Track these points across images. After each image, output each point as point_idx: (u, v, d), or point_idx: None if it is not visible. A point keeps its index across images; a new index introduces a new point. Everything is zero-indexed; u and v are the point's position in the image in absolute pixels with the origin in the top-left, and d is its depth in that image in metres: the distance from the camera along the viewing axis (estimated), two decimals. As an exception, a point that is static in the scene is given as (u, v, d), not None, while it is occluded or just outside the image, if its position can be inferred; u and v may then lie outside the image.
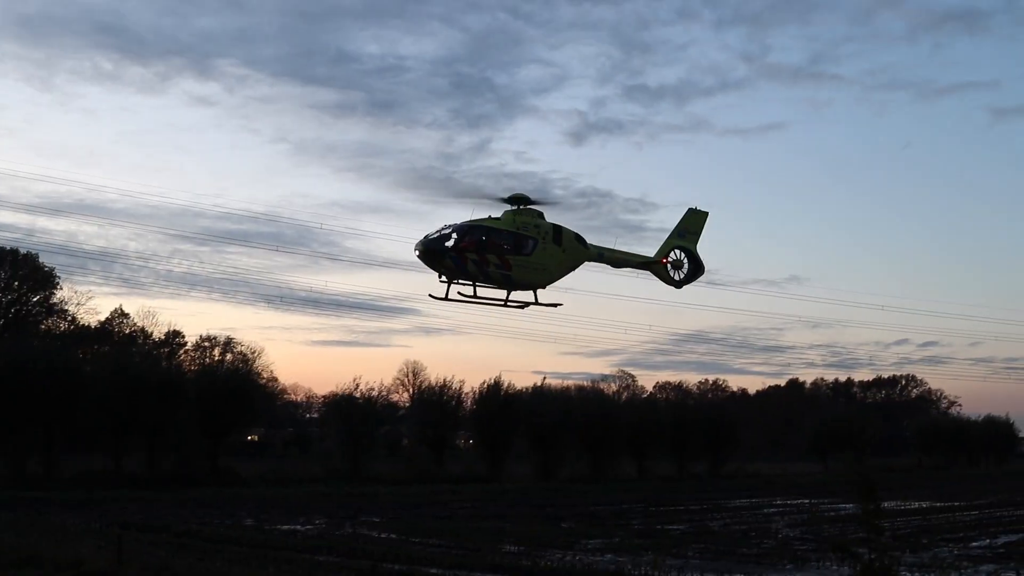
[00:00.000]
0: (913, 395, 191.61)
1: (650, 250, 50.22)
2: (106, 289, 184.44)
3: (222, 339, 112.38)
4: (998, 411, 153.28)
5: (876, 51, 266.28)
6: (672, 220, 51.31)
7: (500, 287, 44.06)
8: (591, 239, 46.62)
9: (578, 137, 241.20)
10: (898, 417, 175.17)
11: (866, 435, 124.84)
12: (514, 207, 43.59)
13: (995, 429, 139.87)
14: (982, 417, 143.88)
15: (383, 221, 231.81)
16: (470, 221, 42.65)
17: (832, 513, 53.94)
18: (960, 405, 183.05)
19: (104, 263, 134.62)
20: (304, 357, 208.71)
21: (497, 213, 43.54)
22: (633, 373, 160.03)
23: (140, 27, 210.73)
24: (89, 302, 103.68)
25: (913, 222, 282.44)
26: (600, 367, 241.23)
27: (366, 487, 70.21)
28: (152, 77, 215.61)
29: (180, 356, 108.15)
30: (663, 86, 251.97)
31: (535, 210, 44.05)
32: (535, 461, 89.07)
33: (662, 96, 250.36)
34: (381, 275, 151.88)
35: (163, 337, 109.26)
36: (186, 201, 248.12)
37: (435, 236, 42.11)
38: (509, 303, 44.92)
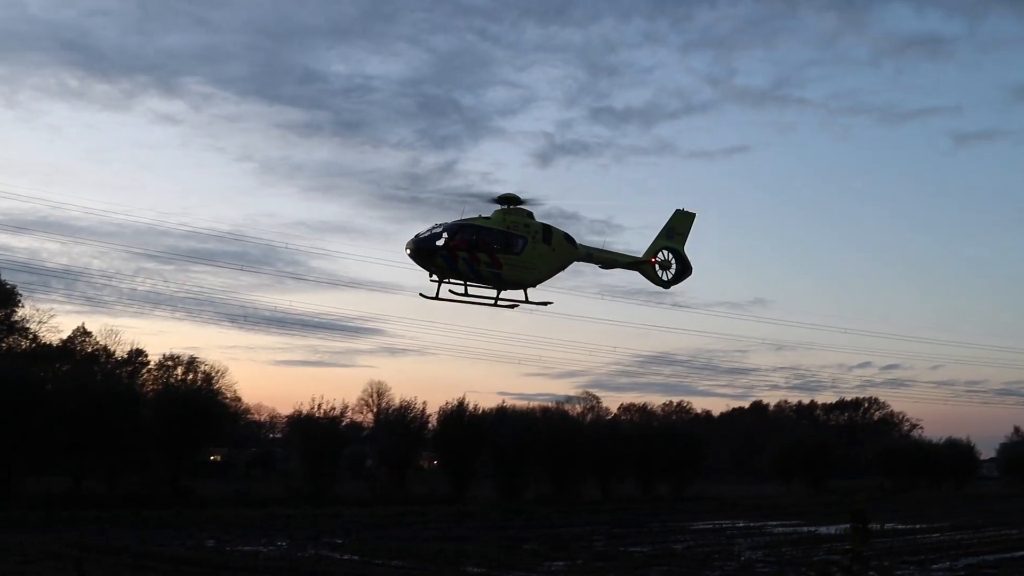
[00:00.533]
0: (875, 418, 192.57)
1: (611, 274, 50.49)
2: (68, 307, 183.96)
3: (185, 358, 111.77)
4: (959, 434, 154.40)
5: (840, 75, 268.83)
6: (637, 243, 51.61)
7: (491, 286, 44.54)
8: None
9: (544, 159, 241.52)
10: (860, 439, 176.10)
11: (829, 458, 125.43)
12: (504, 207, 44.07)
13: (956, 452, 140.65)
14: (943, 440, 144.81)
15: (349, 241, 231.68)
16: (460, 220, 43.15)
17: (795, 536, 54.01)
18: (922, 428, 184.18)
19: (67, 281, 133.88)
20: (268, 377, 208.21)
21: (487, 213, 43.99)
22: (598, 395, 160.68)
23: (105, 44, 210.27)
24: (51, 320, 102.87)
25: (876, 245, 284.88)
26: (565, 388, 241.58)
27: (329, 508, 69.87)
28: (117, 94, 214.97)
29: (143, 375, 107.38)
30: (629, 109, 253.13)
31: (524, 210, 44.57)
32: (499, 482, 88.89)
33: (628, 119, 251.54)
34: (346, 295, 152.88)
35: (126, 356, 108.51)
36: (151, 219, 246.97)
37: (426, 235, 42.53)
38: (499, 303, 45.37)
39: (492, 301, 45.11)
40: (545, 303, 46.76)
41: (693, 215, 51.36)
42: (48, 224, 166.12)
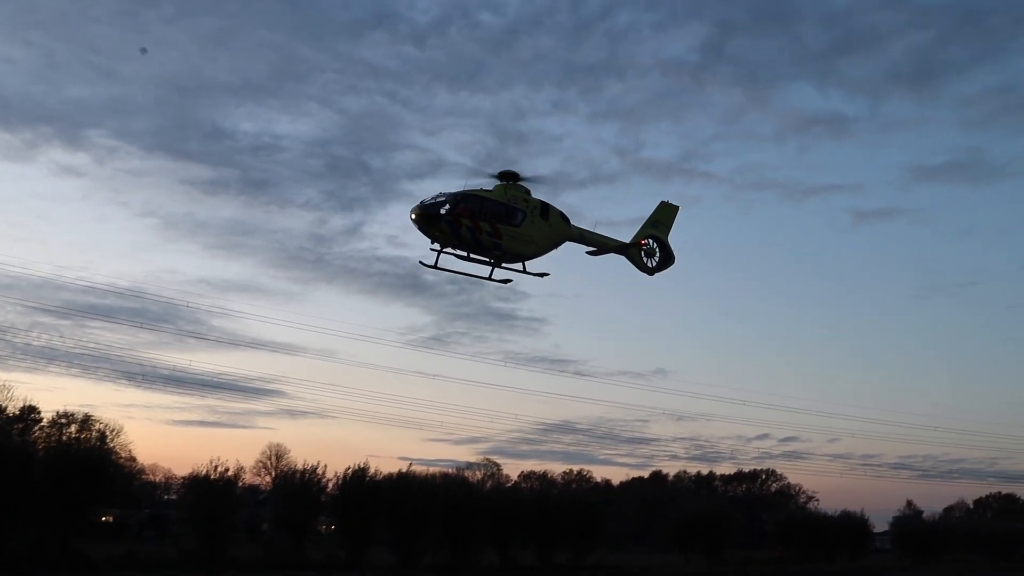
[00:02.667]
0: (773, 489, 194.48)
1: (514, 340, 51.27)
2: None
3: (80, 416, 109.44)
4: (854, 506, 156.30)
5: (745, 150, 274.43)
6: (542, 310, 52.71)
7: (490, 255, 46.33)
8: (462, 326, 47.81)
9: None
10: (757, 511, 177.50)
11: (726, 529, 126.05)
12: (505, 182, 45.49)
13: (851, 524, 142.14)
14: (838, 512, 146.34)
15: (252, 300, 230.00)
16: (464, 190, 44.57)
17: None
18: (818, 500, 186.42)
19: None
20: (165, 437, 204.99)
21: (488, 187, 45.58)
22: (499, 461, 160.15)
23: (8, 93, 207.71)
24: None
25: (777, 319, 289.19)
26: (466, 454, 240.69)
27: (223, 572, 68.70)
28: (19, 144, 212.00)
29: (35, 432, 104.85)
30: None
31: (523, 186, 46.21)
32: (397, 548, 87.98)
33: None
34: (247, 355, 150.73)
35: (17, 412, 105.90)
36: (48, 272, 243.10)
37: (431, 201, 44.20)
38: (493, 278, 46.81)
39: (486, 276, 46.79)
40: (542, 274, 48.30)
41: (677, 207, 54.20)
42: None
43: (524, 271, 47.88)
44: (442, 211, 44.18)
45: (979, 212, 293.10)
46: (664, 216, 53.72)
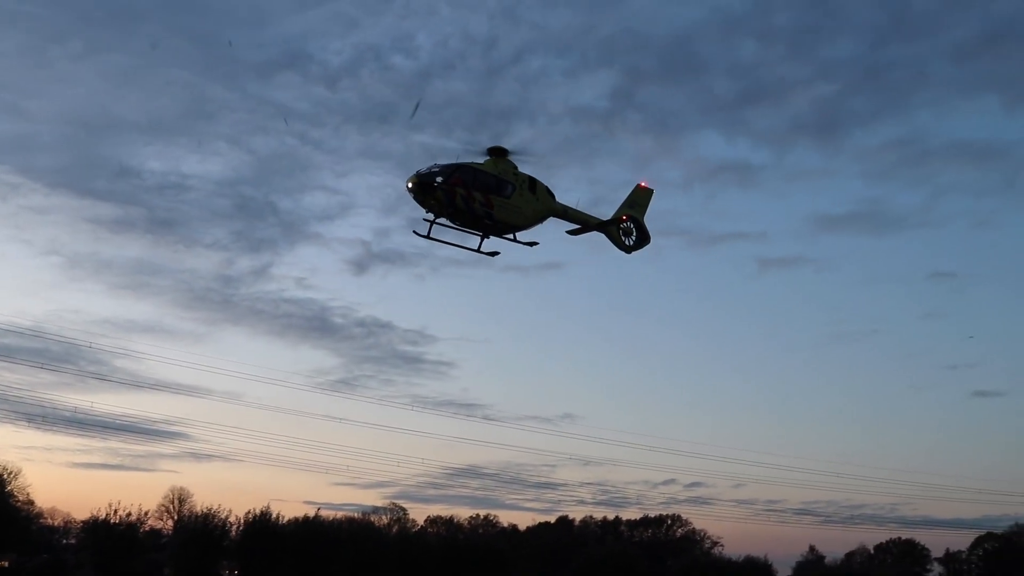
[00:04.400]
0: (678, 534, 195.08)
1: (422, 384, 51.76)
2: None
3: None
4: (758, 552, 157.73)
5: (654, 197, 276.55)
6: (450, 354, 53.62)
7: (481, 226, 48.66)
8: (370, 369, 48.76)
9: (360, 266, 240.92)
10: (663, 556, 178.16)
11: (632, 574, 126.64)
12: (494, 156, 49.18)
13: (754, 569, 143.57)
14: (743, 558, 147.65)
15: (156, 341, 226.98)
16: (458, 162, 47.63)
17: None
18: (722, 545, 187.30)
19: None
20: (65, 480, 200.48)
21: (479, 160, 48.87)
22: (405, 506, 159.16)
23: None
24: None
25: (684, 364, 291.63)
26: (373, 499, 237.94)
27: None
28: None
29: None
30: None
31: (512, 161, 49.84)
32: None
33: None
34: (151, 397, 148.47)
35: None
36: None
37: (426, 172, 46.91)
38: (482, 250, 49.89)
39: (475, 248, 49.62)
40: (531, 243, 51.26)
41: (652, 191, 57.71)
42: None
43: (515, 240, 49.96)
44: (437, 180, 46.16)
45: (881, 261, 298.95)
46: (640, 198, 57.37)
